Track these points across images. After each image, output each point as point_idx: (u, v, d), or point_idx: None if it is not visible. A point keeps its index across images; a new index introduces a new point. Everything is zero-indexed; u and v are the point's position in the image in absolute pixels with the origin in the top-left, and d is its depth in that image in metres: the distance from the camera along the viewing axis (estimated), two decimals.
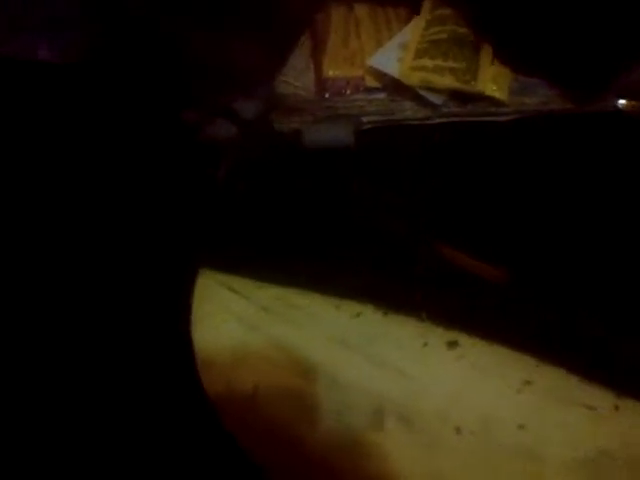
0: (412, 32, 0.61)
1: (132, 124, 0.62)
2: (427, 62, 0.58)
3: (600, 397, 0.43)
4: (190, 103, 0.64)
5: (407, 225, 0.55)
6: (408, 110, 0.60)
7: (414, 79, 0.58)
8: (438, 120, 0.60)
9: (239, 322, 0.52)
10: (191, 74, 0.64)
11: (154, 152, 0.61)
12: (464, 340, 0.47)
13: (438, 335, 0.48)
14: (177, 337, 0.51)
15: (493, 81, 0.57)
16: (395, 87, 0.60)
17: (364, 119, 0.61)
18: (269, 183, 0.60)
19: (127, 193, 0.59)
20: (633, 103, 0.55)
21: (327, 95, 0.62)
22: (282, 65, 0.65)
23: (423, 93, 0.59)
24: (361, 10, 0.65)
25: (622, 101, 0.56)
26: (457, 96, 0.59)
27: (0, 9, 0.64)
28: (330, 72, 0.62)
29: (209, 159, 0.63)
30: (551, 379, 0.45)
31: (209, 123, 0.64)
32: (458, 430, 0.44)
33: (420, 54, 0.59)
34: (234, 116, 0.63)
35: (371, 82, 0.61)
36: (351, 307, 0.51)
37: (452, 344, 0.47)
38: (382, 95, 0.61)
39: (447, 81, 0.57)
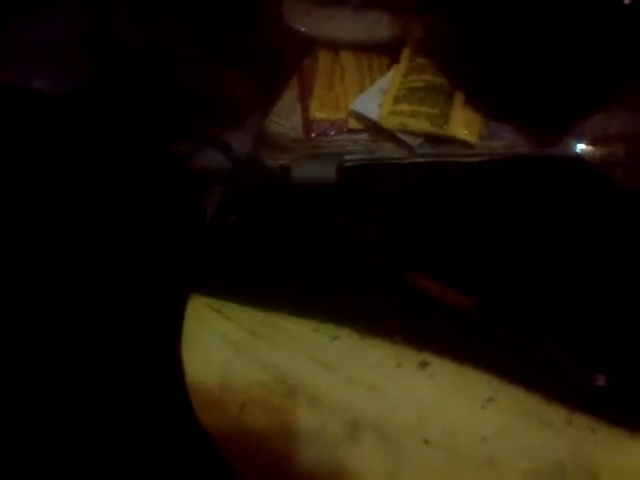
0: (392, 79, 0.64)
1: (124, 154, 0.63)
2: (405, 107, 0.61)
3: (555, 413, 0.46)
4: (181, 134, 0.66)
5: (383, 255, 0.57)
6: (387, 150, 0.63)
7: (393, 123, 0.61)
8: (414, 160, 0.62)
9: (227, 344, 0.53)
10: (182, 105, 0.66)
11: (145, 181, 0.62)
12: (434, 361, 0.49)
13: (410, 356, 0.50)
14: (167, 358, 0.52)
15: (464, 126, 0.60)
16: (375, 129, 0.63)
17: (347, 157, 0.63)
18: (258, 214, 0.62)
19: (119, 220, 0.60)
20: (590, 148, 0.58)
21: (313, 135, 0.65)
22: (272, 100, 0.68)
23: (401, 136, 0.62)
24: (346, 57, 0.69)
25: (581, 146, 0.59)
26: (432, 139, 0.61)
27: None
28: (316, 114, 0.66)
29: (199, 189, 0.64)
30: (512, 396, 0.47)
31: (199, 154, 0.65)
32: (426, 442, 0.46)
33: (399, 100, 0.62)
34: (224, 148, 0.65)
35: (354, 124, 0.64)
36: (330, 330, 0.52)
37: (423, 365, 0.49)
38: (364, 136, 0.64)
39: (423, 125, 0.60)
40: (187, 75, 0.68)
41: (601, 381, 0.47)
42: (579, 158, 0.59)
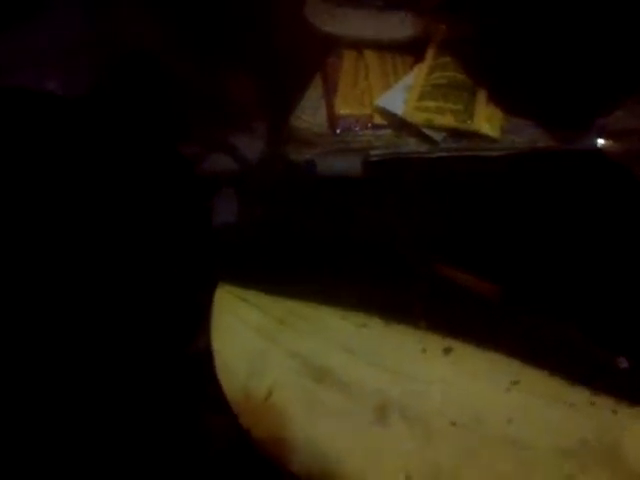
0: (416, 76, 0.65)
1: (135, 156, 0.63)
2: (430, 103, 0.62)
3: (578, 394, 0.47)
4: (189, 136, 0.67)
5: (409, 246, 0.58)
6: (411, 145, 0.64)
7: (418, 118, 0.62)
8: (438, 154, 0.63)
9: (256, 332, 0.54)
10: (191, 108, 0.67)
11: (157, 181, 0.62)
12: (458, 346, 0.50)
13: (435, 342, 0.51)
14: (196, 348, 0.54)
15: (487, 121, 0.61)
16: (400, 125, 0.64)
17: (371, 152, 0.64)
18: (284, 207, 0.64)
19: (144, 214, 0.60)
20: (611, 142, 0.60)
21: (338, 131, 0.66)
22: (295, 99, 0.69)
23: (425, 130, 0.63)
24: (370, 56, 0.69)
25: (601, 140, 0.60)
26: (455, 133, 0.62)
27: (9, 41, 0.66)
28: (341, 110, 0.66)
29: (208, 189, 0.65)
30: (535, 379, 0.48)
31: (207, 156, 0.67)
32: (453, 424, 0.47)
33: (424, 96, 0.63)
34: (232, 151, 0.66)
35: (378, 120, 0.65)
36: (357, 318, 0.53)
37: (448, 350, 0.50)
38: (388, 131, 0.65)
39: (447, 120, 0.61)
40: (198, 77, 0.69)
41: (624, 363, 0.48)
42: (600, 152, 0.60)
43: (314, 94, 0.70)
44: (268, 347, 0.53)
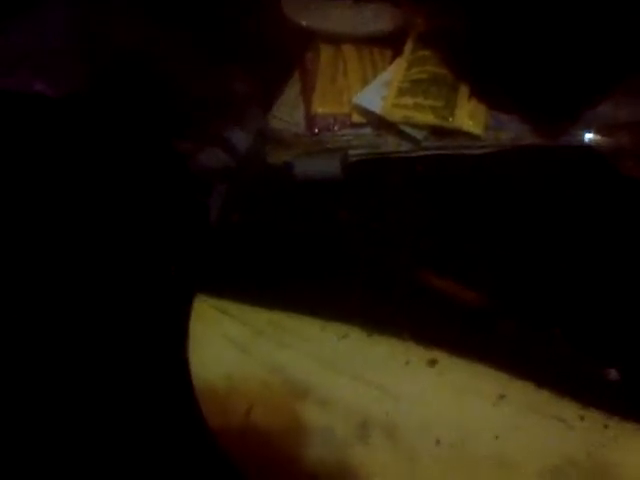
0: (395, 72, 0.64)
1: (126, 154, 0.63)
2: (409, 100, 0.61)
3: (567, 408, 0.46)
4: (183, 133, 0.66)
5: (391, 251, 0.56)
6: (391, 144, 0.63)
7: (396, 116, 0.61)
8: (419, 153, 0.62)
9: (234, 345, 0.53)
10: (184, 104, 0.65)
11: (148, 181, 0.62)
12: (443, 358, 0.49)
13: (419, 354, 0.50)
14: (174, 360, 0.52)
15: (470, 117, 0.60)
16: (379, 123, 0.63)
17: (351, 152, 0.63)
18: (262, 213, 0.62)
19: (122, 221, 0.60)
20: (598, 137, 0.58)
21: (316, 130, 0.64)
22: (274, 96, 0.68)
23: (405, 129, 0.61)
24: (348, 50, 0.68)
25: (589, 135, 0.58)
26: (437, 131, 0.61)
27: None
28: (319, 109, 0.65)
29: (202, 188, 0.64)
30: (523, 393, 0.47)
31: (201, 152, 0.65)
32: (438, 442, 0.46)
33: (402, 93, 0.62)
34: (226, 145, 0.65)
35: (357, 118, 0.64)
36: (338, 329, 0.52)
37: (432, 362, 0.49)
38: (367, 130, 0.64)
39: (427, 117, 0.60)
40: (187, 73, 0.67)
41: (613, 375, 0.47)
42: (585, 148, 0.59)
43: (292, 92, 0.69)
44: (247, 361, 0.52)
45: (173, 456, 0.50)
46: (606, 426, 0.45)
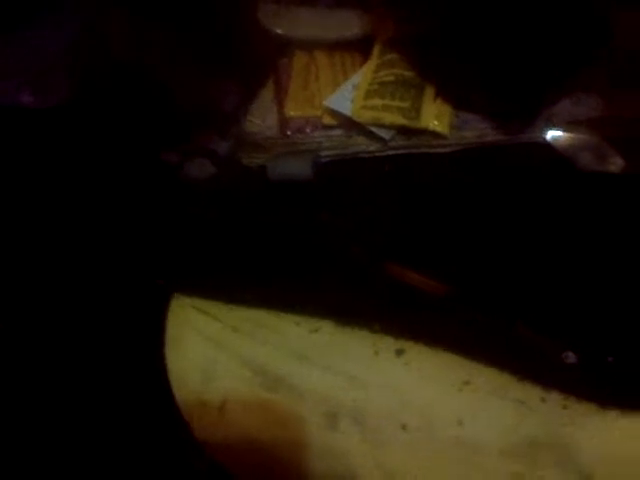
0: (363, 75, 0.65)
1: (113, 165, 0.64)
2: (377, 101, 0.62)
3: (528, 391, 0.47)
4: (170, 144, 0.67)
5: (359, 246, 0.57)
6: (361, 144, 0.64)
7: (365, 117, 0.62)
8: (387, 153, 0.63)
9: (209, 342, 0.53)
10: (171, 115, 0.66)
11: (132, 188, 0.63)
12: (410, 347, 0.50)
13: (387, 344, 0.50)
14: (150, 359, 0.53)
15: (435, 117, 0.61)
16: (349, 125, 0.64)
17: (322, 153, 0.64)
18: (237, 213, 0.63)
19: (101, 223, 0.61)
20: (557, 133, 0.59)
21: (289, 133, 0.66)
22: (250, 103, 0.69)
23: (374, 129, 0.62)
24: (320, 56, 0.69)
25: (549, 131, 0.59)
26: (404, 131, 0.62)
27: None
28: (292, 112, 0.66)
29: (189, 197, 0.65)
30: (486, 378, 0.48)
31: (188, 163, 0.66)
32: (404, 427, 0.47)
33: (370, 94, 0.63)
34: (212, 155, 0.66)
35: (328, 120, 0.65)
36: (310, 323, 0.53)
37: (400, 352, 0.50)
38: (338, 132, 0.65)
39: (395, 118, 0.61)
40: (172, 84, 0.68)
41: (571, 359, 0.48)
42: (546, 144, 0.60)
43: (266, 97, 0.70)
44: (221, 356, 0.53)
45: (149, 451, 0.50)
46: (565, 407, 0.46)
